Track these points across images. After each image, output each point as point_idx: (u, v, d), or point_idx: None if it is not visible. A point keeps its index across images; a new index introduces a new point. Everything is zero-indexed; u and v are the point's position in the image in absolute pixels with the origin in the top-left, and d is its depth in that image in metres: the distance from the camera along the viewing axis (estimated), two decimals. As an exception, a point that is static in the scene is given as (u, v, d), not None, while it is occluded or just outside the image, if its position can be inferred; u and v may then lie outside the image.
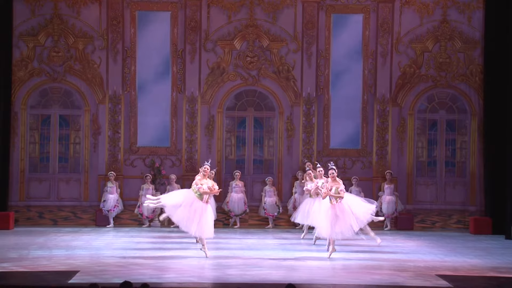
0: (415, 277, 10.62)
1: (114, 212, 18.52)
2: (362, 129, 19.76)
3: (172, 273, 10.69)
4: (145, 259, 12.03)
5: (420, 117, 19.92)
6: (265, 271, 10.93)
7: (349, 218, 12.15)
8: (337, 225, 12.17)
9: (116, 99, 19.37)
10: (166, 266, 11.32)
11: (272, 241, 15.57)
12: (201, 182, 12.34)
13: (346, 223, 12.13)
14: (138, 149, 19.60)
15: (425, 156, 19.97)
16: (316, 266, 11.79)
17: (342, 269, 11.39)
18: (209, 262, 11.94)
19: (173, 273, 10.68)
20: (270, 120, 20.02)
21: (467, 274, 11.04)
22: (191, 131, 19.48)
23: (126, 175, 19.33)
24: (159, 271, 10.77)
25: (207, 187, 12.30)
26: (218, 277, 10.36)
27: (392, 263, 12.00)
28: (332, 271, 11.26)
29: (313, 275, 10.82)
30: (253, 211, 19.03)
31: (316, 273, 11.07)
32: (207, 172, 12.50)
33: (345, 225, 12.12)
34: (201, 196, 12.28)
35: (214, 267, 11.33)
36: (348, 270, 11.26)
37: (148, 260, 11.97)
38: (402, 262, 12.20)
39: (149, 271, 10.70)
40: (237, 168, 19.53)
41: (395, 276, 10.67)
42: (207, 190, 12.27)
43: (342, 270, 11.29)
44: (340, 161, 19.65)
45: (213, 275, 10.56)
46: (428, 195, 19.75)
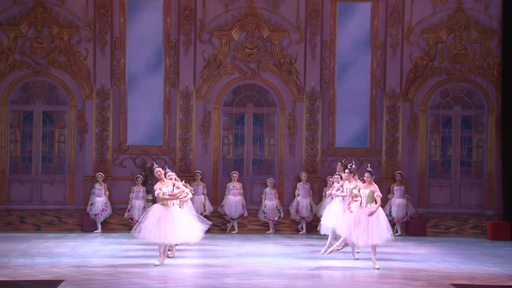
0: (428, 286, 10.63)
1: (102, 216, 18.52)
2: (370, 127, 19.77)
3: (165, 283, 10.68)
4: (135, 268, 12.03)
5: (433, 113, 19.92)
6: (265, 280, 10.93)
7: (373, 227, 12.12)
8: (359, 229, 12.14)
9: (104, 94, 19.37)
10: (158, 275, 11.31)
11: (272, 247, 15.57)
12: (159, 187, 12.30)
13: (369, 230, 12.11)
14: (128, 148, 19.60)
15: (438, 156, 19.97)
16: (321, 275, 11.78)
17: (349, 278, 11.38)
18: (205, 270, 11.94)
19: (166, 283, 10.68)
20: (270, 116, 20.02)
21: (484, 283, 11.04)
22: (185, 129, 19.48)
23: (115, 176, 19.33)
24: (151, 280, 10.77)
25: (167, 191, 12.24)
26: (214, 287, 10.36)
27: (403, 272, 12.01)
28: (339, 281, 11.25)
29: (318, 285, 10.82)
30: (252, 215, 19.04)
31: (321, 283, 11.07)
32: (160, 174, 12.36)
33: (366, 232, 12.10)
34: (164, 202, 12.25)
35: (210, 276, 11.33)
36: (355, 280, 11.25)
37: (139, 268, 11.96)
38: (414, 270, 12.20)
39: (140, 280, 10.70)
40: (235, 169, 19.54)
41: (406, 285, 10.68)
42: (166, 196, 12.21)
43: (349, 280, 11.29)
44: (346, 161, 19.61)
45: (209, 284, 10.56)
46: (441, 197, 19.75)
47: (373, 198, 12.26)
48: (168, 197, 12.26)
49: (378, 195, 12.29)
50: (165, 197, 12.26)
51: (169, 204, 12.32)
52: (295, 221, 18.93)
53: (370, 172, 12.49)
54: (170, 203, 12.32)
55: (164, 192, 12.29)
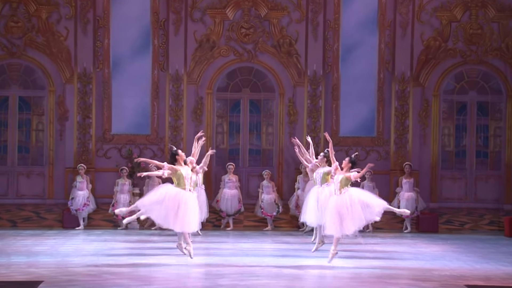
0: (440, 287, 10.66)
1: (84, 212, 18.54)
2: (378, 114, 19.78)
3: (154, 284, 10.71)
4: (121, 267, 12.05)
5: (446, 99, 19.93)
6: (262, 281, 10.97)
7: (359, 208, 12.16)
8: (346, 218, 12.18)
9: (86, 78, 19.35)
10: (146, 276, 11.34)
11: (271, 245, 15.61)
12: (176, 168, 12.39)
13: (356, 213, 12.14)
14: (112, 137, 19.60)
15: (452, 145, 20.00)
16: (323, 275, 11.82)
17: (352, 279, 11.42)
18: (197, 270, 11.97)
19: (154, 284, 10.71)
20: (269, 103, 20.02)
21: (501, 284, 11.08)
22: (175, 116, 19.49)
23: (99, 167, 19.34)
24: (138, 281, 10.80)
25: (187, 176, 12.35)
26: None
27: (412, 272, 12.05)
28: (342, 281, 11.29)
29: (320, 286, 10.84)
30: (249, 210, 19.07)
31: (323, 284, 11.10)
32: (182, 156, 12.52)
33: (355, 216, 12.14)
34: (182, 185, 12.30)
35: (203, 277, 11.36)
36: (360, 280, 11.29)
37: (124, 268, 11.99)
38: (425, 270, 12.24)
39: (126, 281, 10.73)
40: (230, 160, 19.55)
41: (415, 287, 10.72)
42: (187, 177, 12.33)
43: (353, 280, 11.33)
44: (351, 151, 19.64)
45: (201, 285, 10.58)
46: (455, 191, 19.79)
47: (347, 183, 12.26)
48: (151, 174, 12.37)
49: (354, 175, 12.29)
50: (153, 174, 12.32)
51: (186, 188, 12.32)
52: (295, 216, 18.95)
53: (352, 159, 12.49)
54: (187, 187, 12.33)
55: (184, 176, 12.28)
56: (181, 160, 12.53)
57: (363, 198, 12.29)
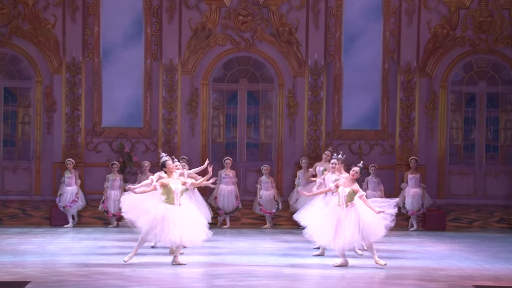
0: (447, 288, 10.69)
1: (73, 209, 18.55)
2: (382, 106, 19.79)
3: (146, 284, 10.72)
4: (112, 267, 12.06)
5: (454, 90, 19.94)
6: (261, 282, 10.98)
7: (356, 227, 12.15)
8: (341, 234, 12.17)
9: (75, 68, 19.34)
10: (138, 276, 11.35)
11: (270, 244, 15.62)
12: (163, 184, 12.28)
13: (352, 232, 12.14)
14: (103, 130, 19.60)
15: (460, 139, 20.01)
16: (325, 276, 11.84)
17: (356, 279, 11.44)
18: (192, 270, 11.98)
19: (147, 284, 10.72)
20: (267, 94, 20.02)
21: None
22: (169, 108, 19.49)
23: (88, 162, 19.34)
24: (130, 282, 10.81)
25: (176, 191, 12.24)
26: (203, 289, 10.41)
27: (419, 272, 12.07)
28: (345, 282, 11.31)
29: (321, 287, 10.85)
30: (247, 207, 19.09)
31: (325, 284, 11.12)
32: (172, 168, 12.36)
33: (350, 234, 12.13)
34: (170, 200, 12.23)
35: (198, 277, 11.37)
36: (363, 280, 11.31)
37: (116, 268, 12.00)
38: (431, 270, 12.26)
39: (118, 282, 10.74)
40: (226, 154, 19.55)
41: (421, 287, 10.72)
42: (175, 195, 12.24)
43: (357, 281, 11.34)
44: (354, 145, 19.69)
45: (197, 286, 10.59)
46: (463, 187, 19.81)
47: (352, 198, 12.22)
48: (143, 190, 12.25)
49: (361, 195, 12.27)
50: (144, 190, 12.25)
51: (175, 202, 12.23)
52: (295, 214, 18.96)
53: (360, 169, 12.44)
54: (177, 202, 12.23)
55: (173, 190, 12.18)
56: (169, 172, 12.38)
57: (367, 220, 12.25)
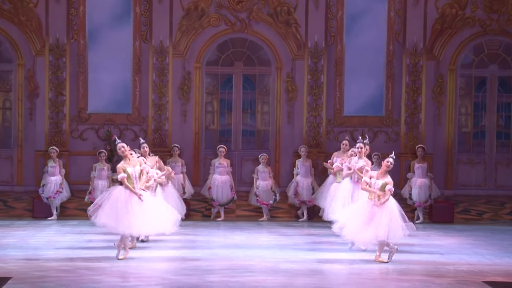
0: (456, 284, 10.70)
1: (57, 200, 18.54)
2: (387, 90, 19.79)
3: (135, 280, 10.72)
4: (98, 262, 12.06)
5: (464, 74, 19.94)
6: (257, 277, 10.98)
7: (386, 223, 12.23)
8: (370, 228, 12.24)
9: (59, 50, 19.30)
10: (126, 271, 11.34)
11: (267, 238, 15.64)
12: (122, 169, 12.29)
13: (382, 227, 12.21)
14: (89, 116, 19.58)
15: (470, 126, 20.02)
16: (325, 271, 11.85)
17: (358, 275, 11.45)
18: (183, 265, 11.98)
19: (135, 280, 10.72)
20: (264, 78, 20.01)
21: (524, 280, 11.13)
22: (159, 93, 19.47)
23: (73, 151, 19.33)
24: (117, 278, 10.81)
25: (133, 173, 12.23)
26: (195, 285, 10.40)
27: (426, 267, 12.09)
28: (346, 278, 11.31)
29: (321, 283, 10.87)
30: (242, 198, 19.10)
31: (325, 280, 11.13)
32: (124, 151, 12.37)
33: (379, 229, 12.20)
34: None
35: (190, 272, 11.37)
36: (367, 276, 11.32)
37: (102, 263, 12.00)
38: (439, 265, 12.28)
39: (104, 278, 10.74)
40: (220, 142, 19.55)
41: (429, 283, 10.75)
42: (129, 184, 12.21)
43: (360, 276, 11.35)
44: (357, 132, 19.67)
45: (188, 282, 10.60)
46: (473, 177, 19.83)
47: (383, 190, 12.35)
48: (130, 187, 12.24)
49: (390, 189, 12.37)
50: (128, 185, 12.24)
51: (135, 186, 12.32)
52: (294, 205, 18.98)
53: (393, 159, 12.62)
54: (136, 186, 12.32)
55: (130, 175, 12.26)
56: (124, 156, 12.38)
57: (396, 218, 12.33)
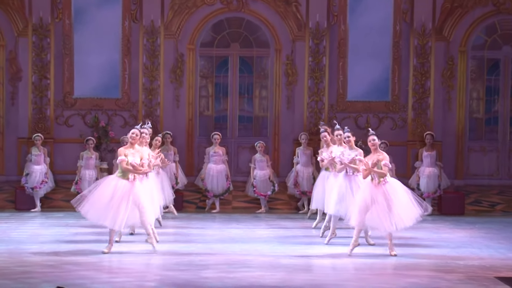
0: (466, 280, 10.71)
1: (41, 191, 18.55)
2: (393, 74, 19.79)
3: (124, 276, 10.72)
4: (85, 256, 12.08)
5: (476, 56, 19.92)
6: (255, 273, 10.99)
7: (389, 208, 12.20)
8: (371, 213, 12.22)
9: (43, 30, 19.27)
10: (115, 266, 11.36)
11: (265, 231, 15.66)
12: (124, 153, 12.36)
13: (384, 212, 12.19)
14: (75, 101, 19.57)
15: (481, 111, 20.02)
16: (327, 266, 11.87)
17: (363, 271, 11.46)
18: (177, 260, 11.99)
19: (125, 276, 10.72)
20: (262, 60, 19.99)
21: (539, 276, 11.14)
22: (150, 77, 19.47)
23: (59, 138, 19.33)
24: (106, 273, 10.82)
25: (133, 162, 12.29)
26: (189, 281, 10.41)
27: (434, 261, 12.10)
28: (350, 274, 11.33)
29: (323, 279, 10.88)
30: (239, 189, 19.11)
31: (327, 277, 11.13)
32: (135, 138, 12.49)
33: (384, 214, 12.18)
34: (125, 174, 12.29)
35: (183, 268, 11.38)
36: (372, 272, 11.33)
37: (90, 257, 12.01)
38: (448, 259, 12.30)
39: (92, 273, 10.74)
40: (216, 129, 19.55)
41: (438, 279, 10.76)
42: (130, 167, 12.25)
43: (364, 272, 11.36)
44: (361, 118, 19.68)
45: (181, 278, 10.61)
46: (485, 166, 19.84)
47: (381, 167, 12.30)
48: (131, 168, 12.26)
49: (385, 163, 12.33)
50: (128, 167, 12.27)
51: (130, 178, 12.33)
52: (293, 196, 18.99)
53: (374, 135, 12.54)
54: (131, 177, 12.33)
55: (128, 162, 12.29)
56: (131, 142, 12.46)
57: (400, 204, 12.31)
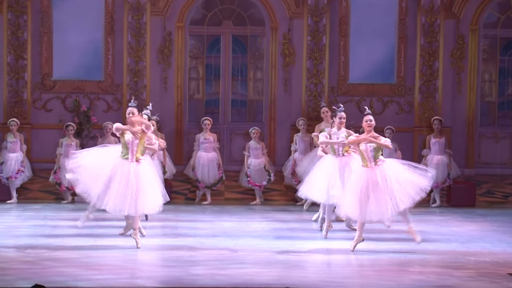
0: (477, 277, 10.71)
1: (17, 180, 18.55)
2: (399, 54, 19.79)
3: (108, 273, 10.71)
4: (66, 252, 12.07)
5: (488, 35, 19.93)
6: (249, 270, 10.99)
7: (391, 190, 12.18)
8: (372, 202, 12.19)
9: (19, 7, 19.23)
10: (97, 262, 11.34)
11: (260, 224, 15.67)
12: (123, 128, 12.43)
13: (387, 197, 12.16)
14: (54, 83, 19.55)
15: (494, 95, 20.04)
16: (327, 263, 11.88)
17: (365, 267, 11.47)
18: (164, 256, 11.99)
19: (108, 273, 10.71)
20: (257, 40, 19.98)
21: (556, 272, 11.14)
22: (136, 57, 19.45)
23: (36, 123, 19.32)
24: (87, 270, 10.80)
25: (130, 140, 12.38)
26: (177, 279, 10.39)
27: (442, 257, 12.11)
28: (352, 270, 11.33)
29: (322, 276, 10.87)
30: (232, 178, 19.11)
31: (327, 273, 11.13)
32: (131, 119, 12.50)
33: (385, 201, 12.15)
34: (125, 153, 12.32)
35: (172, 264, 11.37)
36: (375, 268, 11.33)
37: (70, 252, 12.01)
38: (458, 255, 12.30)
39: (72, 270, 10.74)
40: (206, 114, 19.53)
41: (446, 276, 10.76)
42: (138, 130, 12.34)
43: (366, 268, 11.37)
44: (364, 102, 19.67)
45: (169, 275, 10.59)
46: (498, 153, 19.86)
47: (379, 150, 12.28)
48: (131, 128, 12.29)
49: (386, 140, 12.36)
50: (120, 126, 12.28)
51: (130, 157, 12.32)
52: (291, 187, 18.98)
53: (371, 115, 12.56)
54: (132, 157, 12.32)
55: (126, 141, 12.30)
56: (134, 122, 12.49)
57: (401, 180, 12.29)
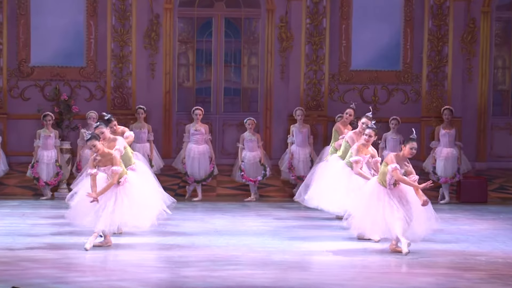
0: (489, 279, 10.76)
1: (-7, 175, 18.60)
2: (405, 39, 19.80)
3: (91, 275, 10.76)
4: (45, 252, 12.10)
5: (501, 18, 19.94)
6: (243, 271, 11.03)
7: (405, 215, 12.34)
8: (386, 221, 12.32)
9: (-6, -13, 19.24)
10: (80, 263, 11.38)
11: (255, 222, 15.71)
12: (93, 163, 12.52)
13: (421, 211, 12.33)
14: (32, 70, 19.56)
15: (508, 83, 20.07)
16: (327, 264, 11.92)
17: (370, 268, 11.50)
18: (153, 256, 12.02)
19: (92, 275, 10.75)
20: (252, 23, 19.98)
21: None
22: (121, 41, 19.46)
23: (13, 113, 19.34)
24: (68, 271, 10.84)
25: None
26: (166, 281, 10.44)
27: (452, 258, 12.16)
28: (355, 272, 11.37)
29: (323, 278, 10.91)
30: (224, 173, 19.14)
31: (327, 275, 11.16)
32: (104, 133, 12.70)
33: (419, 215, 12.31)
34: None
35: (160, 265, 11.41)
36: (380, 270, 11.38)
37: (50, 253, 12.04)
38: (468, 255, 12.35)
39: (52, 272, 10.76)
40: (197, 103, 19.57)
41: (456, 278, 10.81)
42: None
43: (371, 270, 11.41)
44: (368, 90, 19.70)
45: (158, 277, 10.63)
46: (511, 146, 19.87)
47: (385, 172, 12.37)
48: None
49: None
50: None
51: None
52: (288, 182, 19.03)
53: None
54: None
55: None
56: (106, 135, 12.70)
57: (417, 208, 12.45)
